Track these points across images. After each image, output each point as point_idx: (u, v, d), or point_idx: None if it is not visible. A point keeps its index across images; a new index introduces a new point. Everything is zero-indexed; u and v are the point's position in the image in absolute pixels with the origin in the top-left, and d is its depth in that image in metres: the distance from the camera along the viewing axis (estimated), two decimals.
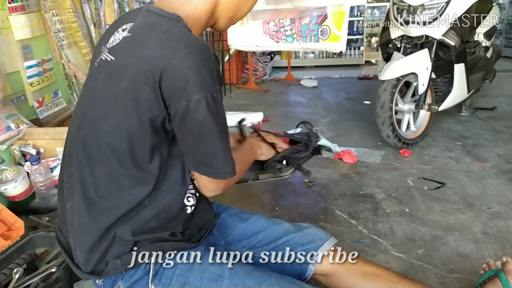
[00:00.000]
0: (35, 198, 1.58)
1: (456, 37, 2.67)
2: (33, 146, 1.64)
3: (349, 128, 3.56)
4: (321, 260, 1.04)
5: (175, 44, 0.78)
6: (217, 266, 0.91)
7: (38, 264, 1.24)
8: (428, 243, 1.76)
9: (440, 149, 2.92)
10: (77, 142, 0.88)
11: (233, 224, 1.11)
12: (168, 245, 0.89)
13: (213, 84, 0.79)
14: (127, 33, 0.85)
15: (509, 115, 3.70)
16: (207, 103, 0.78)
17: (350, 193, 2.27)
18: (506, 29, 7.75)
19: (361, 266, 1.06)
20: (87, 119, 0.87)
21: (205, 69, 0.78)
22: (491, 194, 2.19)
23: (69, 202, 0.91)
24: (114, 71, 0.83)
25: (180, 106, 0.78)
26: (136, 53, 0.81)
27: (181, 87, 0.77)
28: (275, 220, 1.13)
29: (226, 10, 0.94)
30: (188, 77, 0.76)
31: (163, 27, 0.81)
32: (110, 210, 0.85)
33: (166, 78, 0.77)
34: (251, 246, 1.07)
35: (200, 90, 0.77)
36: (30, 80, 1.80)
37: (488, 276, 1.27)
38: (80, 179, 0.87)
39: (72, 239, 0.91)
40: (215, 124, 0.81)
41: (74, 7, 2.19)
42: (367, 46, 7.61)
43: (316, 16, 1.96)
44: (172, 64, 0.76)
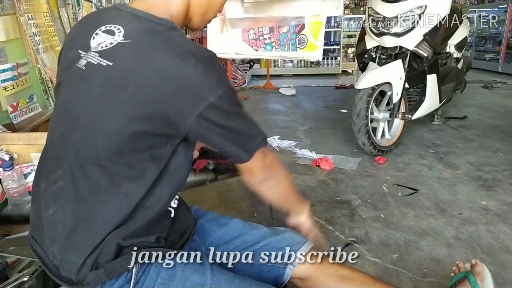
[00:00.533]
0: (7, 205, 1.54)
1: (429, 48, 2.77)
2: (6, 151, 1.60)
3: (326, 135, 3.62)
4: (298, 264, 1.05)
5: (182, 53, 0.81)
6: (199, 274, 0.90)
7: (9, 273, 1.21)
8: (402, 247, 1.80)
9: (414, 157, 3.00)
10: (68, 147, 0.85)
11: (211, 229, 1.11)
12: (151, 252, 0.88)
13: (225, 79, 0.85)
14: (123, 38, 0.84)
15: (480, 124, 3.85)
16: (228, 95, 0.83)
17: (327, 199, 2.31)
18: (476, 42, 8.08)
19: (337, 269, 1.07)
20: (82, 124, 0.85)
21: (217, 69, 0.83)
22: (462, 200, 2.26)
23: (50, 209, 0.87)
24: (115, 77, 0.82)
25: (203, 108, 0.80)
26: (141, 61, 0.81)
27: (200, 90, 0.80)
28: (253, 224, 1.14)
29: (198, 7, 0.95)
30: (206, 80, 0.80)
31: (165, 36, 0.84)
32: (107, 214, 0.84)
33: (182, 83, 0.79)
34: (229, 251, 1.07)
35: (218, 87, 0.82)
36: (4, 84, 1.76)
37: (458, 278, 1.30)
38: (73, 183, 0.84)
39: (56, 248, 0.87)
40: (239, 109, 0.87)
41: (51, 11, 2.17)
42: (343, 56, 7.78)
43: (294, 26, 2.00)
44: (187, 71, 0.79)
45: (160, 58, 0.80)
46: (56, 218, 0.86)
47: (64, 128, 0.88)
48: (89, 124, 0.84)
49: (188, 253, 0.96)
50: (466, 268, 1.34)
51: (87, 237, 0.84)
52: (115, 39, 0.85)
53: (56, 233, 0.86)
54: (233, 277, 0.93)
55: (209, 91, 0.81)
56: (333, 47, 7.67)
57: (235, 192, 2.40)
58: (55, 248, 0.87)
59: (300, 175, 2.66)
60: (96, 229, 0.84)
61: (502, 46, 7.06)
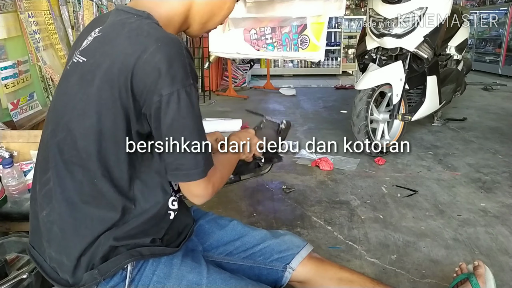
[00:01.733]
0: (6, 203, 1.53)
1: (429, 50, 2.77)
2: (6, 149, 1.60)
3: (326, 136, 3.62)
4: (297, 268, 1.05)
5: (145, 39, 0.77)
6: (195, 274, 0.91)
7: (8, 271, 1.21)
8: (401, 248, 1.80)
9: (413, 158, 3.00)
10: (52, 147, 0.86)
11: (210, 231, 1.11)
12: (146, 250, 0.88)
13: (186, 78, 0.77)
14: (98, 33, 0.84)
15: (479, 126, 3.85)
16: (179, 97, 0.76)
17: (326, 200, 2.31)
18: (476, 44, 8.09)
19: (336, 272, 1.08)
20: (62, 123, 0.85)
21: (177, 62, 0.77)
22: (461, 201, 2.27)
23: (44, 210, 0.88)
24: (86, 72, 0.82)
25: (153, 102, 0.76)
26: (106, 51, 0.79)
27: (153, 81, 0.75)
28: (252, 227, 1.14)
29: (200, 15, 0.93)
30: (159, 71, 0.75)
31: (133, 24, 0.80)
32: (96, 215, 0.83)
33: (137, 74, 0.76)
34: (229, 253, 1.07)
35: (171, 84, 0.75)
36: (4, 82, 1.77)
37: (460, 279, 1.30)
38: (59, 184, 0.84)
39: (52, 249, 0.87)
40: (187, 119, 0.78)
41: (51, 9, 2.17)
42: (344, 57, 7.79)
43: (296, 26, 2.01)
44: (143, 59, 0.75)
45: (122, 47, 0.78)
46: (51, 219, 0.86)
47: (50, 128, 0.88)
48: (67, 123, 0.83)
49: (185, 252, 0.96)
50: (469, 269, 1.33)
51: (78, 239, 0.84)
52: (94, 34, 0.85)
53: (52, 234, 0.87)
54: (229, 276, 0.93)
55: (160, 85, 0.75)
56: (334, 48, 7.68)
57: (234, 192, 2.40)
58: (51, 250, 0.88)
59: (300, 176, 2.67)
60: (86, 231, 0.83)
61: (502, 48, 7.07)
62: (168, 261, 0.91)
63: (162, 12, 0.87)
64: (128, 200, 0.85)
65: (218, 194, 2.37)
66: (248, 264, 1.06)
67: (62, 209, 0.84)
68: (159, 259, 0.90)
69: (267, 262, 1.05)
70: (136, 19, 0.81)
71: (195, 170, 0.82)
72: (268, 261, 1.05)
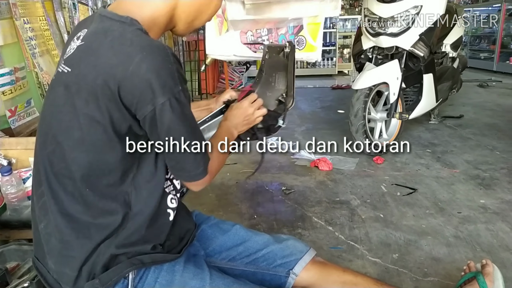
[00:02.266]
0: (6, 210, 1.52)
1: (425, 48, 2.78)
2: (5, 156, 1.59)
3: (324, 136, 3.62)
4: (300, 273, 1.04)
5: (129, 49, 0.75)
6: (198, 280, 0.90)
7: (9, 279, 1.20)
8: (402, 247, 1.80)
9: (411, 156, 3.01)
10: (43, 159, 0.85)
11: (213, 236, 1.10)
12: (147, 258, 0.87)
13: (175, 86, 0.77)
14: (81, 42, 0.82)
15: (476, 123, 3.87)
16: (171, 106, 0.76)
17: (326, 200, 2.31)
18: (471, 41, 8.13)
19: (340, 275, 1.07)
20: (50, 135, 0.84)
21: (165, 71, 0.76)
22: (461, 199, 2.27)
23: (42, 223, 0.87)
24: (71, 83, 0.80)
25: (147, 111, 0.76)
26: (91, 62, 0.78)
27: (143, 93, 0.75)
28: (255, 231, 1.13)
29: (186, 14, 0.91)
30: (148, 82, 0.74)
31: (116, 32, 0.78)
32: (92, 225, 0.83)
33: (125, 86, 0.75)
34: (231, 258, 1.06)
35: (162, 94, 0.75)
36: (2, 89, 1.76)
37: (468, 278, 1.29)
38: (53, 196, 0.84)
39: (52, 260, 0.87)
40: (182, 126, 0.79)
41: (47, 15, 2.16)
42: (339, 57, 7.80)
43: (293, 27, 2.00)
44: (129, 70, 0.74)
45: (106, 57, 0.76)
46: (48, 231, 0.86)
47: (40, 140, 0.87)
48: (56, 136, 0.82)
49: (187, 257, 0.95)
50: (477, 268, 1.33)
51: (77, 249, 0.83)
52: (77, 43, 0.83)
53: (51, 246, 0.86)
54: (232, 281, 0.93)
55: (151, 95, 0.75)
56: (329, 48, 7.69)
57: (235, 194, 2.40)
58: (51, 261, 0.87)
59: (299, 176, 2.67)
60: (85, 241, 0.83)
61: (497, 45, 7.11)
62: (170, 268, 0.90)
63: (145, 14, 0.84)
64: (123, 205, 0.84)
65: (218, 196, 2.37)
66: (251, 269, 1.05)
67: (58, 221, 0.83)
68: (161, 266, 0.89)
69: (270, 267, 1.05)
70: (119, 26, 0.79)
71: (197, 171, 0.86)
72: (271, 266, 1.05)
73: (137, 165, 0.85)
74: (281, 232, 1.95)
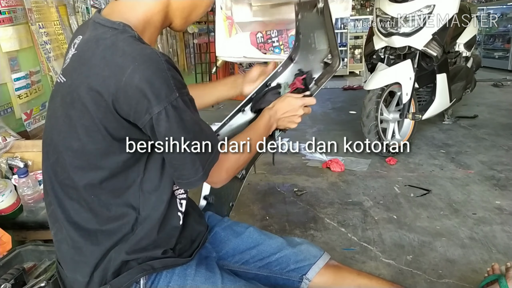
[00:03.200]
0: (22, 212, 1.55)
1: (438, 48, 2.75)
2: (21, 159, 1.62)
3: (336, 137, 3.57)
4: (314, 278, 1.03)
5: (120, 60, 0.74)
6: (209, 284, 0.89)
7: (26, 279, 1.22)
8: (416, 249, 1.78)
9: (425, 157, 2.97)
10: (47, 169, 0.86)
11: (226, 238, 1.08)
12: (158, 263, 0.86)
13: (170, 93, 0.74)
14: (75, 50, 0.82)
15: (491, 123, 3.81)
16: (167, 114, 0.74)
17: (339, 201, 2.30)
18: (485, 40, 8.01)
19: (354, 279, 1.06)
20: (52, 146, 0.84)
21: (158, 79, 0.74)
22: (475, 200, 2.24)
23: (53, 230, 0.88)
24: (66, 94, 0.79)
25: (146, 121, 0.75)
26: (83, 73, 0.77)
27: (138, 103, 0.73)
28: (269, 234, 1.11)
29: (180, 10, 0.89)
30: (142, 92, 0.72)
31: (108, 41, 0.77)
32: (100, 231, 0.83)
33: (120, 98, 0.73)
34: (245, 262, 1.06)
35: (157, 103, 0.73)
36: (18, 92, 1.79)
37: (490, 280, 1.27)
38: (59, 205, 0.84)
39: (65, 266, 0.88)
40: (180, 133, 0.77)
41: (61, 20, 2.19)
42: (351, 57, 7.76)
43: None
44: (123, 82, 0.72)
45: (99, 68, 0.75)
46: (59, 239, 0.87)
47: (44, 150, 0.87)
48: (56, 146, 0.83)
49: (198, 260, 0.95)
50: (501, 270, 1.30)
51: (87, 255, 0.84)
52: (72, 52, 0.82)
53: (62, 252, 0.87)
54: (244, 285, 0.92)
55: (146, 105, 0.73)
56: (340, 49, 7.64)
57: (246, 196, 2.40)
58: (64, 267, 0.88)
59: (311, 177, 2.66)
60: (94, 248, 0.83)
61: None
62: (182, 272, 0.89)
63: (139, 15, 0.83)
64: (130, 210, 0.84)
65: None
66: (264, 273, 1.04)
67: (67, 229, 0.84)
68: (173, 270, 0.89)
69: (283, 272, 1.04)
70: (112, 34, 0.77)
71: (195, 178, 0.81)
72: (285, 271, 1.04)
73: (143, 168, 0.84)
74: (293, 234, 1.95)
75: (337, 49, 1.07)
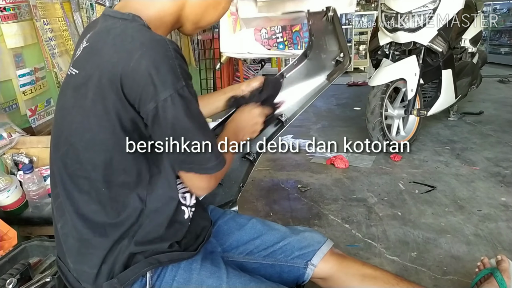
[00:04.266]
0: (28, 207, 1.56)
1: (443, 43, 2.73)
2: (26, 155, 1.63)
3: (340, 133, 3.59)
4: (319, 264, 1.04)
5: (129, 45, 0.75)
6: (214, 278, 0.90)
7: (32, 274, 1.23)
8: (421, 245, 1.77)
9: (430, 153, 2.96)
10: (57, 162, 0.86)
11: (229, 231, 1.09)
12: (164, 257, 0.87)
13: (177, 81, 0.75)
14: (86, 43, 0.83)
15: (496, 119, 3.78)
16: (173, 102, 0.74)
17: (343, 198, 2.29)
18: (491, 36, 7.94)
19: (359, 268, 1.06)
20: (63, 138, 0.84)
21: (165, 66, 0.74)
22: (481, 196, 2.23)
23: (59, 223, 0.89)
24: (79, 85, 0.80)
25: (150, 109, 0.75)
26: (95, 62, 0.78)
27: (144, 89, 0.74)
28: (271, 224, 1.12)
29: (193, 15, 0.90)
30: (149, 78, 0.73)
31: (118, 29, 0.78)
32: (107, 224, 0.84)
33: (127, 83, 0.74)
34: (249, 252, 1.06)
35: (164, 90, 0.73)
36: (23, 89, 1.79)
37: (484, 274, 1.26)
38: (68, 197, 0.85)
39: (71, 259, 0.88)
40: (188, 120, 0.77)
41: (65, 16, 2.19)
42: (355, 53, 7.72)
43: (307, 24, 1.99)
44: (130, 67, 0.73)
45: (108, 56, 0.76)
46: (65, 232, 0.87)
47: (53, 143, 0.88)
48: (68, 138, 0.83)
49: (204, 255, 0.95)
50: (492, 264, 1.29)
51: (95, 247, 0.84)
52: (83, 45, 0.84)
53: (68, 245, 0.87)
54: (249, 280, 0.92)
55: (152, 92, 0.73)
56: None
57: (250, 192, 2.40)
58: (70, 260, 0.88)
59: (315, 174, 2.65)
60: (102, 240, 0.84)
61: None
62: (187, 266, 0.90)
63: (151, 13, 0.84)
64: (138, 202, 0.84)
65: None
66: (269, 262, 1.05)
67: (74, 221, 0.84)
68: (179, 264, 0.90)
69: (288, 259, 1.04)
70: (121, 24, 0.79)
71: (210, 164, 0.82)
72: (289, 258, 1.04)
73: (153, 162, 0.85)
74: None
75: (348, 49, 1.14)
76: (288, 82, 1.24)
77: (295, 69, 1.26)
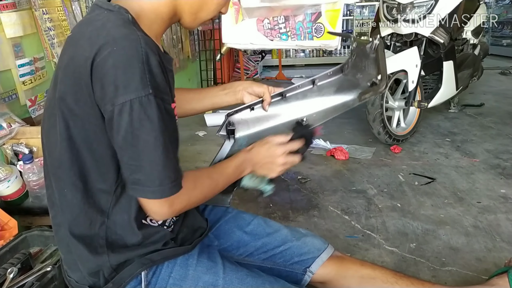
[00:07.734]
0: (28, 197, 1.57)
1: (445, 35, 2.71)
2: (26, 145, 1.62)
3: (340, 125, 3.59)
4: (317, 270, 1.04)
5: (102, 40, 0.71)
6: (211, 274, 0.89)
7: (33, 264, 1.24)
8: (420, 237, 1.78)
9: (430, 145, 2.96)
10: (44, 152, 0.85)
11: (231, 231, 1.09)
12: (156, 255, 0.85)
13: (142, 87, 0.69)
14: (70, 33, 0.81)
15: (497, 111, 3.77)
16: (132, 108, 0.68)
17: (343, 189, 2.30)
18: (493, 27, 7.88)
19: (358, 270, 1.07)
20: (45, 129, 0.83)
21: (132, 69, 0.68)
22: (480, 188, 2.23)
23: (51, 213, 0.88)
24: (55, 76, 0.79)
25: (106, 111, 0.71)
26: (70, 53, 0.75)
27: (106, 89, 0.69)
28: (274, 226, 1.11)
29: (189, 5, 0.86)
30: (111, 77, 0.68)
31: (99, 22, 0.75)
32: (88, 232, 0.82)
33: (95, 79, 0.70)
34: (249, 254, 1.06)
35: (124, 93, 0.68)
36: (22, 79, 1.79)
37: (501, 271, 1.27)
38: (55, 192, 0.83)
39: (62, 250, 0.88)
40: (143, 132, 0.70)
41: (64, 5, 2.18)
42: None
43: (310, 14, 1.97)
44: (96, 62, 0.69)
45: (82, 49, 0.73)
46: (57, 222, 0.86)
47: (43, 137, 0.87)
48: (47, 131, 0.82)
49: (200, 249, 0.94)
50: None
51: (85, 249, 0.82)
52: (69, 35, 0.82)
53: (60, 235, 0.86)
54: (246, 275, 0.92)
55: (112, 93, 0.69)
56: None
57: None
58: (61, 251, 0.89)
59: (315, 165, 2.66)
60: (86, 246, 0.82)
61: None
62: (183, 262, 0.89)
63: (144, 5, 0.81)
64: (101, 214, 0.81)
65: None
66: (267, 265, 1.05)
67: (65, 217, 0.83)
68: (175, 260, 0.89)
69: (287, 264, 1.05)
70: (105, 16, 0.76)
71: (154, 188, 0.74)
72: (288, 263, 1.05)
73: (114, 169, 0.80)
74: (297, 221, 1.96)
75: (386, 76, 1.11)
76: (318, 90, 1.24)
77: (328, 79, 1.25)
